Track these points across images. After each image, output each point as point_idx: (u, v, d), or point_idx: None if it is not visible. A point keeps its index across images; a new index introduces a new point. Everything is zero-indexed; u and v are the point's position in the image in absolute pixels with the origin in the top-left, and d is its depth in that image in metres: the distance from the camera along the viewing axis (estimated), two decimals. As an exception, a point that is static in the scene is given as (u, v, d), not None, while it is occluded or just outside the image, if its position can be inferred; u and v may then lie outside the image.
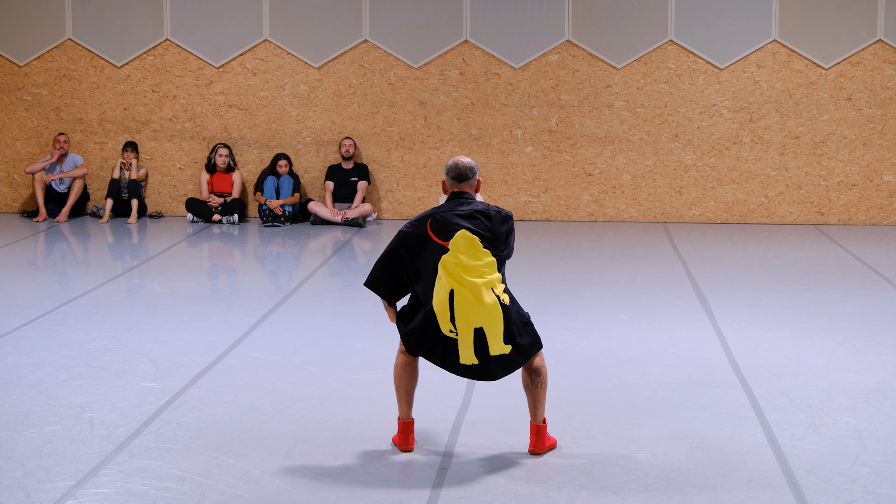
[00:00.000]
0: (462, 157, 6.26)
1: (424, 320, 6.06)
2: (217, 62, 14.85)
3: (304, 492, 5.69)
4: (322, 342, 8.56)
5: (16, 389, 7.30)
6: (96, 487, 5.71)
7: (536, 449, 6.22)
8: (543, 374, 6.19)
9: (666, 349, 8.41)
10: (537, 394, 6.19)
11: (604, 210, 14.76)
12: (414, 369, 6.24)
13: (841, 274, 11.39)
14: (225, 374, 7.69)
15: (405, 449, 6.27)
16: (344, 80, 14.79)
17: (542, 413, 6.22)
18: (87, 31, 14.89)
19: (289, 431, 6.54)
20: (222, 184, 14.76)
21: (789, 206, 14.57)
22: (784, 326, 9.13)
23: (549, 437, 6.31)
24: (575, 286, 10.63)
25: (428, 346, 6.09)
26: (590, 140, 14.65)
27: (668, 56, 14.50)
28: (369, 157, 14.87)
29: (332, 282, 11.15)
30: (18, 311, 9.47)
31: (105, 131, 15.02)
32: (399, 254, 6.14)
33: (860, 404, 7.11)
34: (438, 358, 6.10)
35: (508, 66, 14.63)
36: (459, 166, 6.19)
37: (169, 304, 9.83)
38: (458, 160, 6.21)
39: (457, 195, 6.19)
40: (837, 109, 14.40)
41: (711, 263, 11.88)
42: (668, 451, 6.27)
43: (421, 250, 6.08)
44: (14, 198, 15.23)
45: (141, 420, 6.71)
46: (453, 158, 6.24)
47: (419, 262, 6.09)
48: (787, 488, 5.76)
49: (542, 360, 6.22)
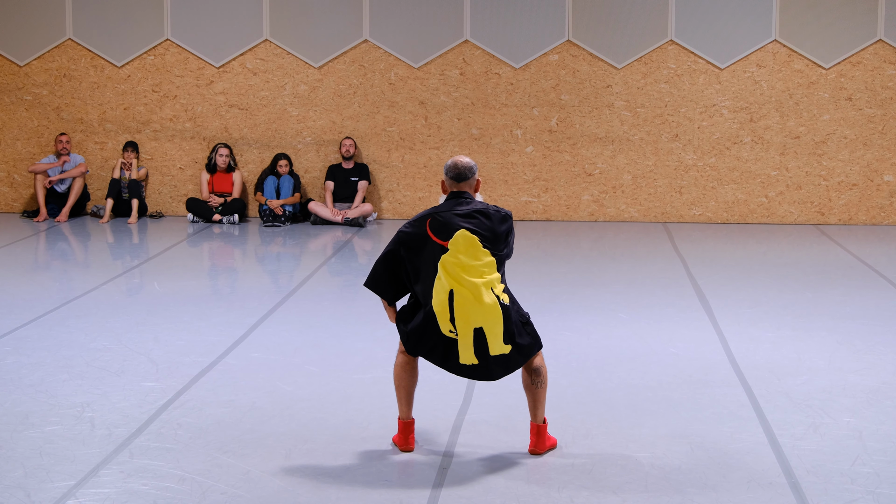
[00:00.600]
0: (461, 156, 6.26)
1: (424, 320, 6.06)
2: (217, 62, 14.85)
3: (304, 492, 5.69)
4: (322, 342, 8.56)
5: (16, 389, 7.30)
6: (97, 487, 5.71)
7: (537, 449, 6.22)
8: (543, 373, 6.19)
9: (666, 349, 8.41)
10: (537, 394, 6.19)
11: (604, 210, 14.76)
12: (414, 369, 6.25)
13: (841, 274, 11.39)
14: (225, 374, 7.69)
15: (405, 449, 6.27)
16: (344, 79, 14.80)
17: (542, 413, 6.22)
18: (87, 31, 14.90)
19: (289, 431, 6.54)
20: (223, 184, 14.76)
21: (790, 205, 14.57)
22: (784, 326, 9.13)
23: (549, 436, 6.31)
24: (575, 286, 10.63)
25: (428, 346, 6.09)
26: (590, 140, 14.65)
27: (668, 56, 14.50)
28: (370, 156, 14.87)
29: (332, 282, 11.15)
30: (19, 311, 9.47)
31: (105, 131, 15.02)
32: (399, 254, 6.14)
33: (860, 404, 7.11)
34: (438, 358, 6.10)
35: (509, 65, 14.63)
36: (458, 166, 6.19)
37: (169, 304, 9.84)
38: (457, 160, 6.21)
39: (456, 195, 6.19)
40: (838, 109, 14.40)
41: (712, 263, 11.88)
42: (668, 451, 6.27)
43: (420, 250, 6.08)
44: (14, 198, 15.23)
45: (141, 420, 6.71)
46: (452, 158, 6.24)
47: (418, 262, 6.10)
48: (787, 488, 5.76)
49: (542, 360, 6.22)
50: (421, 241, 6.08)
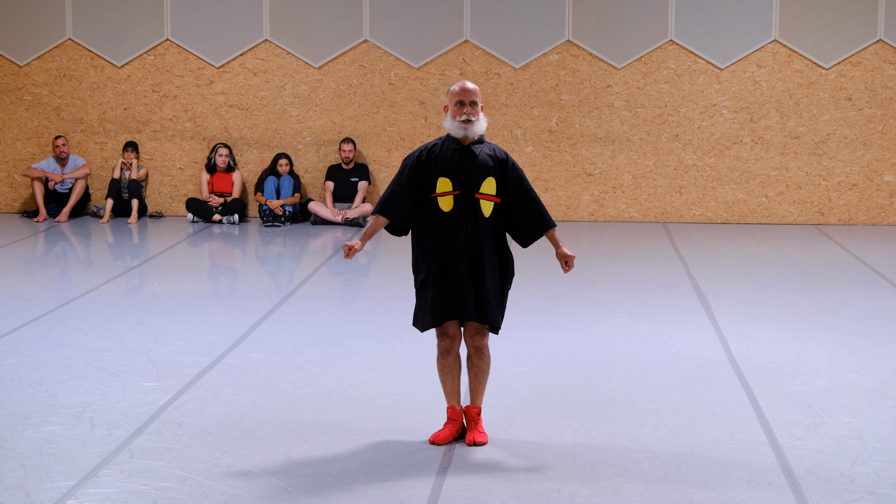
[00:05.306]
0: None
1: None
2: (217, 62, 14.85)
3: (304, 492, 5.69)
4: (322, 342, 8.56)
5: (16, 389, 7.30)
6: (97, 487, 5.71)
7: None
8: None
9: (666, 349, 8.42)
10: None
11: (604, 210, 14.76)
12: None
13: (841, 274, 11.39)
14: (225, 374, 7.69)
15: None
16: (344, 80, 14.80)
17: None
18: (87, 31, 14.90)
19: (289, 431, 6.54)
20: (222, 184, 14.76)
21: (790, 206, 14.57)
22: (784, 326, 9.13)
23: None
24: (575, 286, 10.63)
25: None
26: (590, 140, 14.65)
27: (668, 56, 14.50)
28: (370, 156, 14.87)
29: (332, 282, 11.15)
30: (18, 311, 9.47)
31: (105, 131, 15.02)
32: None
33: (860, 404, 7.11)
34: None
35: (509, 66, 14.63)
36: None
37: (169, 304, 9.84)
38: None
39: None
40: (838, 109, 14.40)
41: (712, 263, 11.88)
42: (668, 451, 6.27)
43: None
44: (14, 198, 15.23)
45: (141, 420, 6.71)
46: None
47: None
48: (787, 488, 5.76)
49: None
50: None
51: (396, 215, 6.31)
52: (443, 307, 6.28)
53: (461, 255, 6.26)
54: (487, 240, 6.30)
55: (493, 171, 6.32)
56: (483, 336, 6.38)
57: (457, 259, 6.26)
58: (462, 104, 6.27)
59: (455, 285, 6.25)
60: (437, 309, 6.28)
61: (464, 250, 6.27)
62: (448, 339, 6.36)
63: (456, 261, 6.26)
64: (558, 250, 6.43)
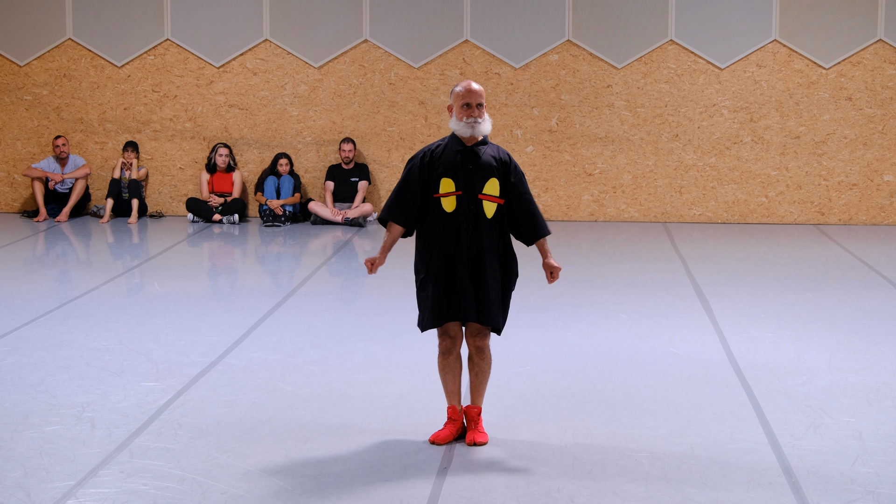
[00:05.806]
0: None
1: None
2: (217, 62, 14.85)
3: (304, 492, 5.69)
4: (322, 342, 8.56)
5: (16, 389, 7.30)
6: (97, 487, 5.71)
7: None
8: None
9: (666, 349, 8.42)
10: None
11: (604, 210, 14.76)
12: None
13: (841, 274, 11.39)
14: (225, 374, 7.69)
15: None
16: (344, 79, 14.80)
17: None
18: (87, 31, 14.90)
19: (289, 431, 6.54)
20: (223, 184, 14.76)
21: (790, 205, 14.58)
22: (784, 326, 9.13)
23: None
24: (575, 286, 10.63)
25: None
26: (590, 140, 14.65)
27: (668, 56, 14.50)
28: (370, 156, 14.87)
29: (332, 282, 11.15)
30: (18, 311, 9.47)
31: (105, 131, 15.02)
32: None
33: (860, 404, 7.11)
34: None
35: (509, 65, 14.63)
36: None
37: (169, 304, 9.84)
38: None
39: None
40: (838, 109, 14.40)
41: (712, 263, 11.88)
42: (668, 451, 6.27)
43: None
44: (14, 198, 15.23)
45: (141, 420, 6.71)
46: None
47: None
48: (787, 488, 5.76)
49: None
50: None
51: (408, 221, 6.33)
52: (444, 308, 6.29)
53: (462, 256, 6.27)
54: (490, 241, 6.29)
55: (497, 172, 6.31)
56: (484, 337, 6.39)
57: (458, 260, 6.26)
58: (469, 106, 6.28)
59: (456, 286, 6.25)
60: (438, 310, 6.29)
61: (465, 251, 6.28)
62: (449, 340, 6.37)
63: (457, 261, 6.26)
64: (545, 260, 6.43)
